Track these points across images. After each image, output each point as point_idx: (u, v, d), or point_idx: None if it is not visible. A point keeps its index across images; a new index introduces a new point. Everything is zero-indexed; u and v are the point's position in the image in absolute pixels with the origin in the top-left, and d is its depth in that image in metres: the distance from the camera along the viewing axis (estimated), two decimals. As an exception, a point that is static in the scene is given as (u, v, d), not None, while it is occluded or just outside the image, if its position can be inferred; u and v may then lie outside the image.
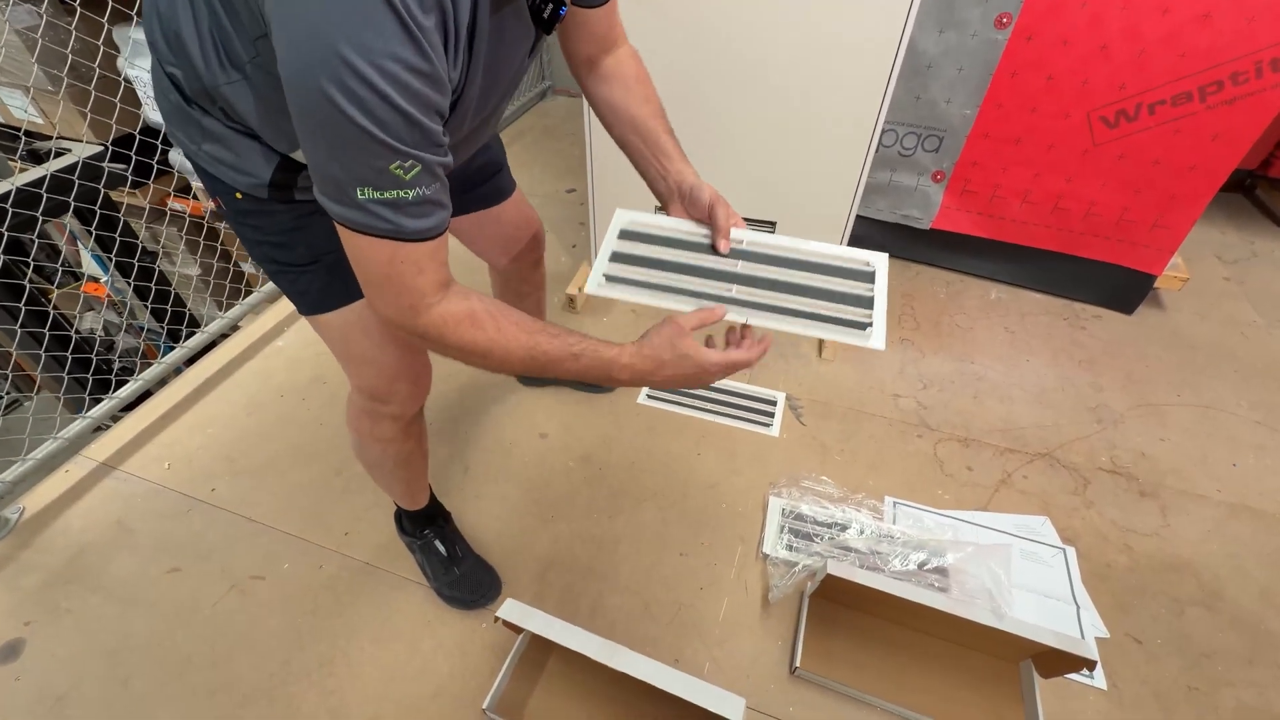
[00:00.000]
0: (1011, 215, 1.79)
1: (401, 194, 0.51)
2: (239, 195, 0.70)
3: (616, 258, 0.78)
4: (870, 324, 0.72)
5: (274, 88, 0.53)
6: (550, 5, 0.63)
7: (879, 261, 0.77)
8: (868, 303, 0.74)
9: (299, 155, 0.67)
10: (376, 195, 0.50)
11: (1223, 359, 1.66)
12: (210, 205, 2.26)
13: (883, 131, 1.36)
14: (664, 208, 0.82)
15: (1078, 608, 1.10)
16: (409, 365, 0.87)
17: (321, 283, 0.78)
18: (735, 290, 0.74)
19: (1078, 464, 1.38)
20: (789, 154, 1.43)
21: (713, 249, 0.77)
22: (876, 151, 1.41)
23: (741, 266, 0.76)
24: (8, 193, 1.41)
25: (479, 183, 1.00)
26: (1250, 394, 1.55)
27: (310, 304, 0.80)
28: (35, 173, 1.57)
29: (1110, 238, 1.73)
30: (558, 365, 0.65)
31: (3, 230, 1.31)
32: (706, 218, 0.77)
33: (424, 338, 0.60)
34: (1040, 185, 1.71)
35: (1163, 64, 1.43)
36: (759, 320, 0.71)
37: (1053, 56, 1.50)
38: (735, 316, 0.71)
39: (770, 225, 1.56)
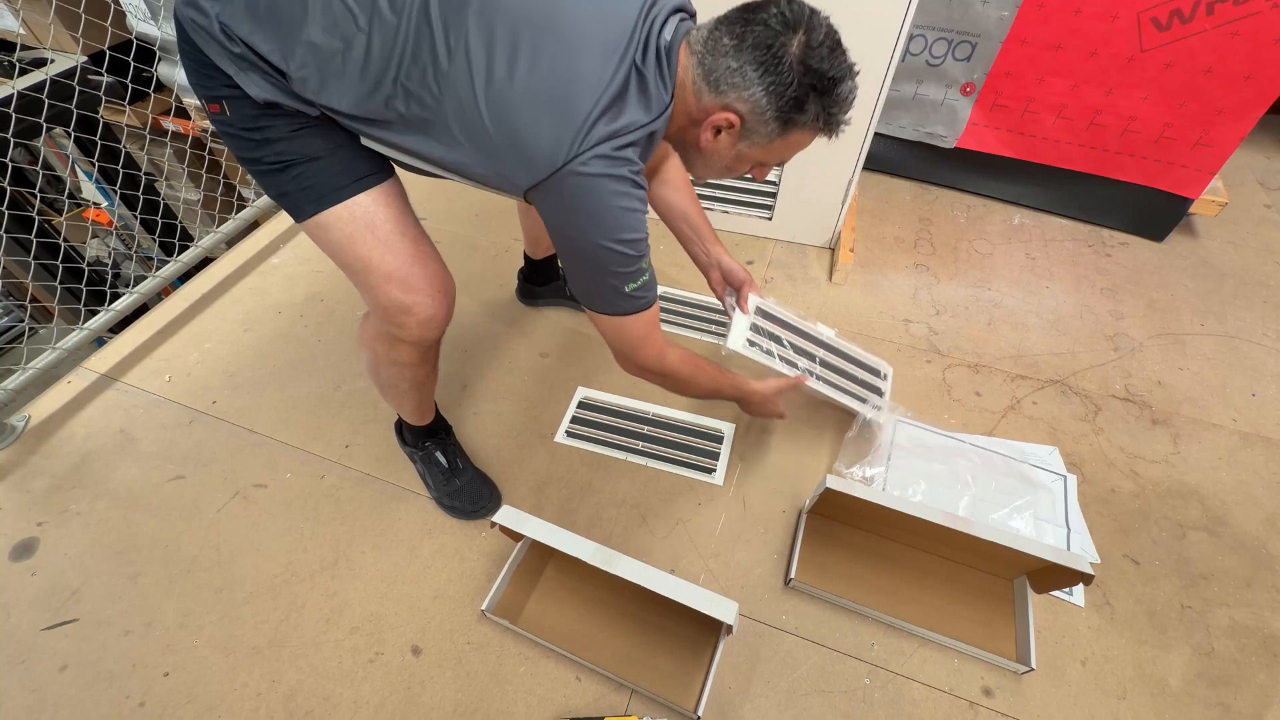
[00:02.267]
0: (1043, 133, 1.67)
1: (645, 279, 0.77)
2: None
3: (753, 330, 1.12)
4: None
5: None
6: None
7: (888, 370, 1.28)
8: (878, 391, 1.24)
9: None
10: (635, 286, 0.76)
11: (1254, 289, 1.59)
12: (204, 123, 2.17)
13: (909, 37, 1.25)
14: (705, 275, 1.13)
15: (1069, 530, 1.10)
16: (426, 274, 0.82)
17: (319, 174, 0.75)
18: (802, 364, 1.13)
19: (1090, 391, 1.34)
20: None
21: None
22: (902, 60, 1.30)
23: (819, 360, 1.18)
24: (8, 97, 1.33)
25: None
26: (1279, 323, 1.49)
27: (311, 199, 0.76)
28: (34, 77, 1.49)
29: (1147, 157, 1.62)
30: (720, 392, 1.02)
31: (7, 135, 1.25)
32: (736, 286, 1.12)
33: (666, 374, 0.90)
34: (1077, 98, 1.58)
35: (1229, -47, 1.28)
36: (820, 387, 1.14)
37: (1105, -54, 1.35)
38: (811, 383, 1.12)
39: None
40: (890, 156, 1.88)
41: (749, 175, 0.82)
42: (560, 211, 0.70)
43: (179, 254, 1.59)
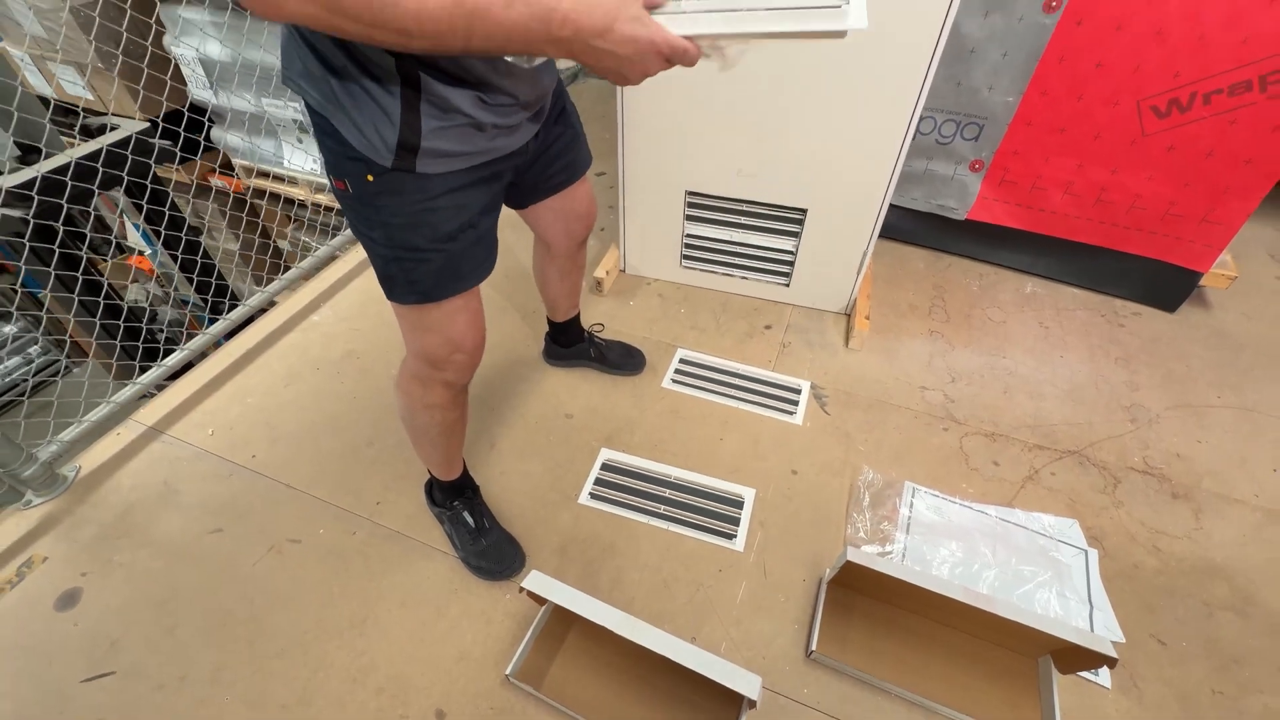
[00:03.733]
0: (1052, 207, 1.74)
1: None
2: (370, 178, 0.73)
3: None
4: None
5: None
6: None
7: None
8: None
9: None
10: None
11: (1270, 361, 1.60)
12: (324, 189, 2.32)
13: (921, 119, 1.34)
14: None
15: (1091, 608, 1.09)
16: (471, 337, 0.91)
17: (437, 274, 0.82)
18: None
19: (1108, 463, 1.35)
20: (824, 140, 1.42)
21: None
22: (913, 139, 1.38)
23: None
24: (66, 165, 1.47)
25: (562, 153, 1.01)
26: (1297, 398, 1.50)
27: (419, 294, 0.83)
28: (90, 146, 1.64)
29: (1155, 232, 1.67)
30: (485, 16, 0.52)
31: (62, 201, 1.37)
32: None
33: None
34: (1084, 176, 1.65)
35: (1222, 50, 1.37)
36: (718, 26, 0.60)
37: (1104, 42, 1.45)
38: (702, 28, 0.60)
39: (801, 211, 1.55)
40: (904, 226, 1.95)
41: None
42: None
43: (227, 310, 1.69)
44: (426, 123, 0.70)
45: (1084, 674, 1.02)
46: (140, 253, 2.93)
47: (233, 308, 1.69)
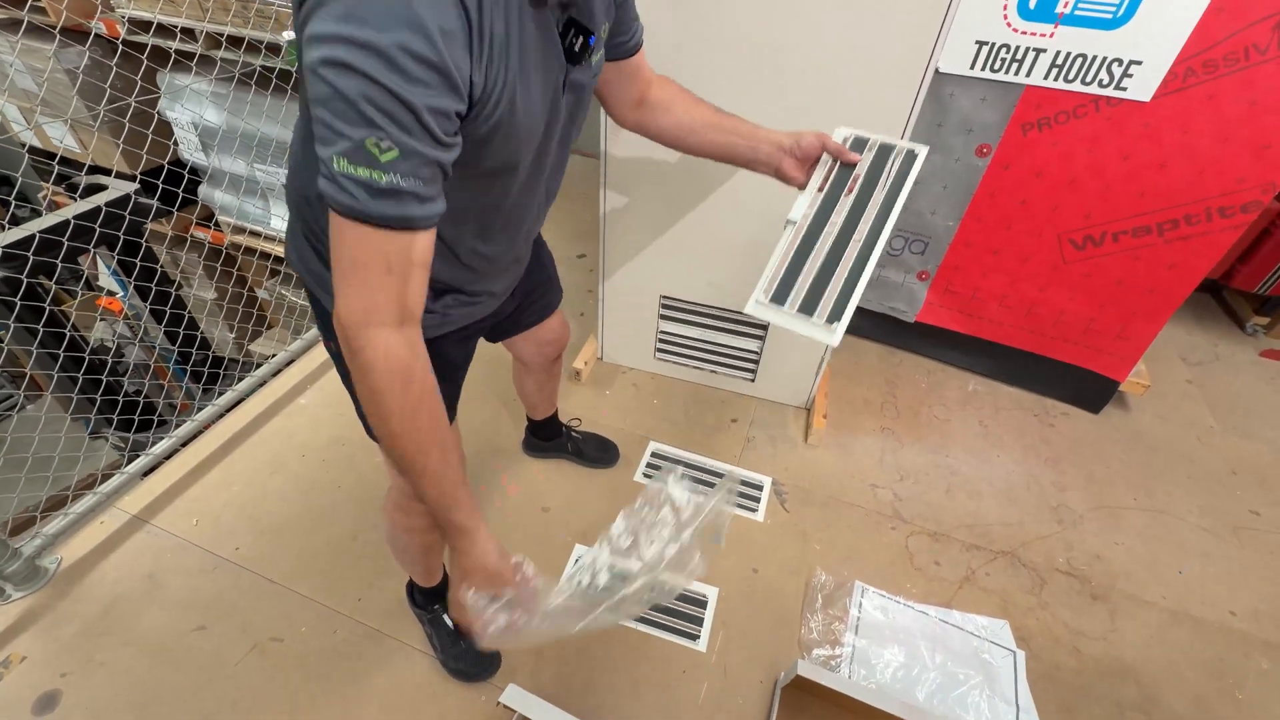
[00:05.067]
0: (989, 315, 1.93)
1: (374, 175, 0.52)
2: None
3: None
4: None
5: None
6: (580, 39, 0.65)
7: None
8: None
9: None
10: (350, 169, 0.51)
11: (1178, 463, 1.79)
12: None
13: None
14: (778, 172, 0.90)
15: (1018, 710, 1.21)
16: None
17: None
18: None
19: (1037, 564, 1.50)
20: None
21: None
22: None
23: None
24: (63, 224, 1.48)
25: (536, 299, 1.11)
26: (1200, 499, 1.68)
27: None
28: (82, 206, 1.65)
29: (1079, 343, 1.87)
30: (421, 480, 0.64)
31: (57, 260, 1.41)
32: (820, 152, 0.87)
33: (354, 357, 0.59)
34: (1016, 291, 1.85)
35: (1124, 200, 1.58)
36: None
37: (1026, 184, 1.66)
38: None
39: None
40: (860, 324, 2.13)
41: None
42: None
43: (218, 391, 1.74)
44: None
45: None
46: (110, 294, 2.94)
47: (206, 359, 1.73)
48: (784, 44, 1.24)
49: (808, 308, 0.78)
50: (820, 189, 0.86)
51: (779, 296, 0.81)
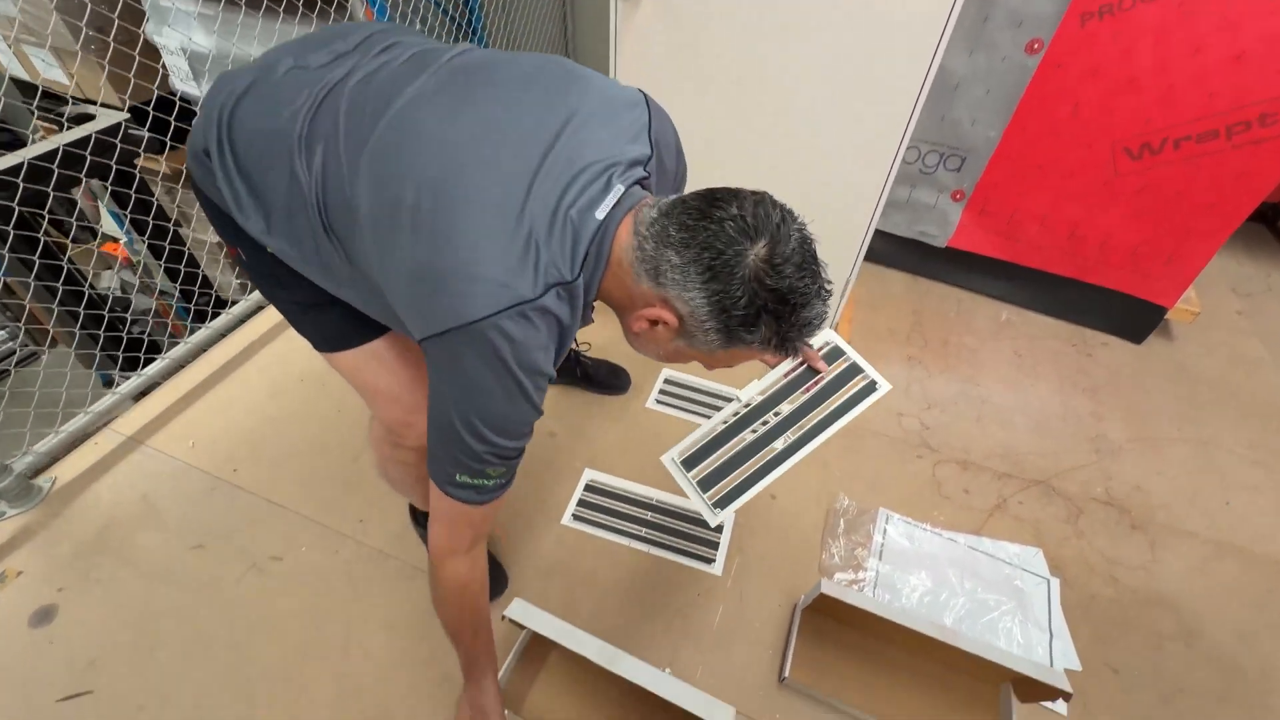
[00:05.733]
0: (1028, 239, 1.79)
1: (483, 483, 0.68)
2: (270, 251, 0.74)
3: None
4: (874, 381, 0.94)
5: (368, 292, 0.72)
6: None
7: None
8: (856, 368, 0.94)
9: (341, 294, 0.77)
10: (466, 480, 0.68)
11: (1226, 395, 1.68)
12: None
13: (906, 149, 1.37)
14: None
15: (1051, 636, 1.15)
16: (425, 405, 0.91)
17: (338, 321, 0.82)
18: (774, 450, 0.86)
19: (1073, 493, 1.41)
20: (812, 166, 1.44)
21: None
22: (899, 168, 1.42)
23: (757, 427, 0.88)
24: (54, 151, 1.42)
25: None
26: (1249, 433, 1.57)
27: (326, 342, 0.84)
28: (75, 134, 1.57)
29: (1124, 268, 1.73)
30: (457, 647, 0.87)
31: (48, 189, 1.34)
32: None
33: (432, 571, 0.78)
34: (1058, 211, 1.71)
35: (1191, 102, 1.43)
36: (783, 469, 0.85)
37: (1081, 86, 1.50)
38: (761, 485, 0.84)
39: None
40: (885, 250, 2.00)
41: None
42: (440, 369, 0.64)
43: (211, 307, 1.67)
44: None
45: (1043, 703, 1.07)
46: (112, 238, 2.87)
47: (208, 299, 1.67)
48: None
49: (705, 485, 0.85)
50: (786, 375, 0.90)
51: (689, 463, 0.87)
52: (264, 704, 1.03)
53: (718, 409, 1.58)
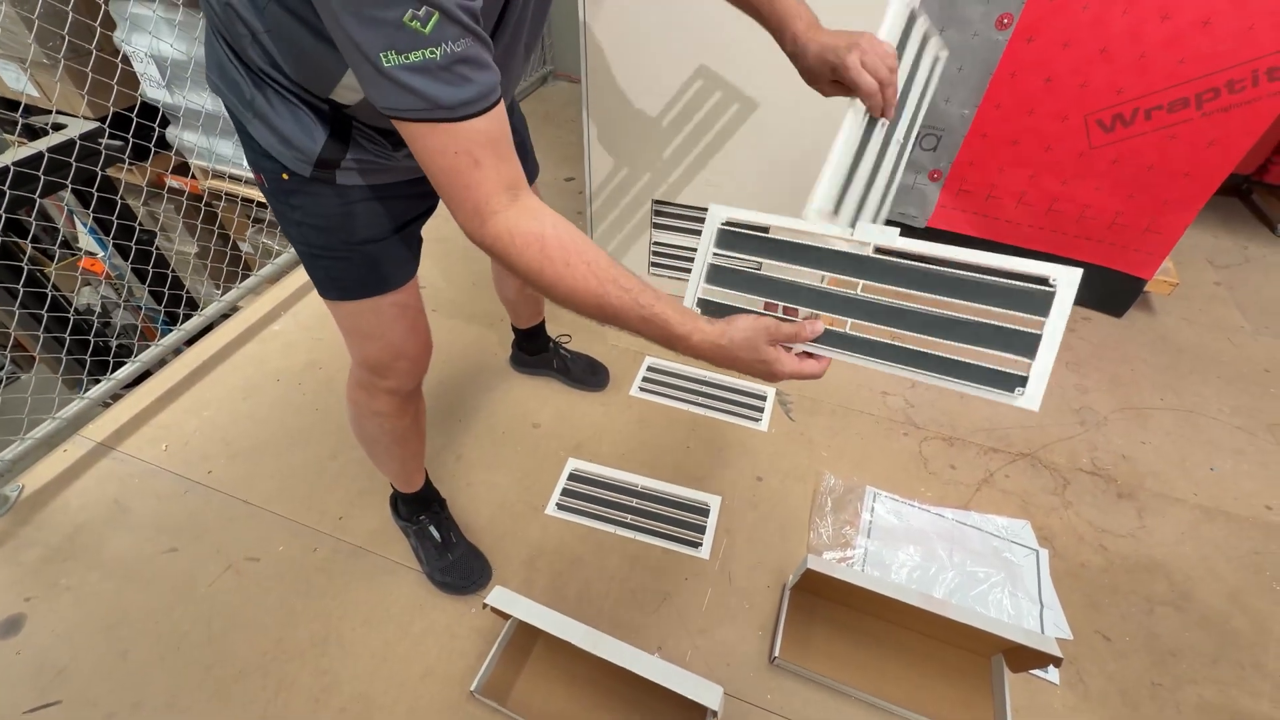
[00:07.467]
0: (1006, 216, 1.79)
1: (428, 54, 0.47)
2: (285, 176, 0.72)
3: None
4: (1026, 377, 0.56)
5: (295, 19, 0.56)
6: None
7: (1065, 278, 0.55)
8: (1029, 345, 0.57)
9: (340, 94, 0.65)
10: (401, 60, 0.47)
11: (1208, 364, 1.68)
12: (251, 180, 2.26)
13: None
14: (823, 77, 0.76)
15: (1041, 606, 1.14)
16: (412, 343, 0.89)
17: (357, 273, 0.80)
18: (850, 326, 0.61)
19: (1059, 465, 1.41)
20: (786, 148, 1.44)
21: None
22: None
23: (863, 289, 0.60)
24: (4, 168, 1.40)
25: None
26: (1232, 399, 1.58)
27: (339, 290, 0.82)
28: (32, 148, 1.56)
29: (1103, 241, 1.74)
30: (622, 320, 0.60)
31: (1, 209, 1.31)
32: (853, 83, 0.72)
33: (491, 251, 0.58)
34: (1036, 187, 1.71)
35: (1162, 69, 1.43)
36: (872, 365, 0.61)
37: (1052, 58, 1.50)
38: (843, 357, 0.61)
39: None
40: (866, 233, 1.99)
41: None
42: None
43: (182, 321, 1.64)
44: (353, 150, 0.71)
45: (1034, 671, 1.06)
46: (90, 254, 2.82)
47: (189, 317, 1.64)
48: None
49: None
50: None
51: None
52: (240, 702, 1.00)
53: (701, 395, 1.57)
